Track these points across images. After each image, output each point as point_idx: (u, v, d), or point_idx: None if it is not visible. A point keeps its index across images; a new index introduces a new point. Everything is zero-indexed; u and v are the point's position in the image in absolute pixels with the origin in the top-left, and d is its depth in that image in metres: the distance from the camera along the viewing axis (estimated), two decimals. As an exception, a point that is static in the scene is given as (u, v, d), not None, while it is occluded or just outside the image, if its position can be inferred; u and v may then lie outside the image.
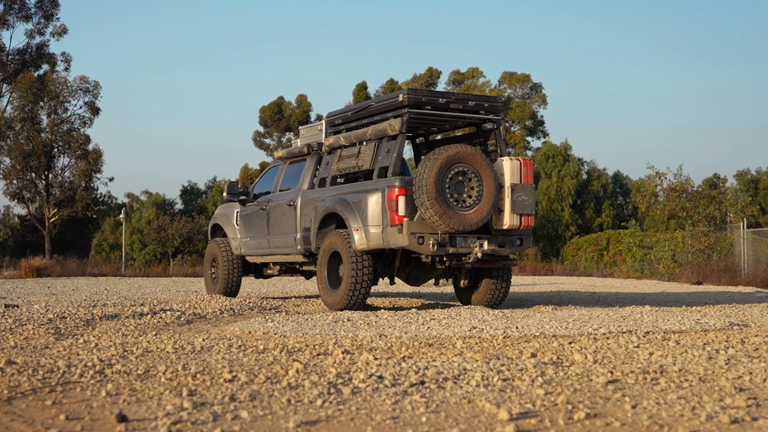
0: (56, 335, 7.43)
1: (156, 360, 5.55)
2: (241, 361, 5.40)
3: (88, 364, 5.22)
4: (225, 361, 5.37)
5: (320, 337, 6.96)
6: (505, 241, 10.83)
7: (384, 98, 11.09)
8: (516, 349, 5.93)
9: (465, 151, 10.42)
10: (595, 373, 4.81)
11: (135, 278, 28.74)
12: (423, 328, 7.70)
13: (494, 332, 7.03)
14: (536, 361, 5.22)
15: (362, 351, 5.79)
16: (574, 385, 4.46)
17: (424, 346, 6.12)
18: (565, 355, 5.58)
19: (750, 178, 65.15)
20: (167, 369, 5.00)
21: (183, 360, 5.52)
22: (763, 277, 24.24)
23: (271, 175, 13.58)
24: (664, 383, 4.56)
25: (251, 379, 4.65)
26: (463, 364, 4.99)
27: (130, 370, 5.04)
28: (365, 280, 10.73)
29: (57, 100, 49.98)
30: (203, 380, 4.67)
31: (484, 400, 4.03)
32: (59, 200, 50.02)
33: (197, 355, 5.79)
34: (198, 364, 5.27)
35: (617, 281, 27.69)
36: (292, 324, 8.24)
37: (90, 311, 9.92)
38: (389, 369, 4.85)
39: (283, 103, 62.35)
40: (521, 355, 5.49)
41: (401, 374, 4.68)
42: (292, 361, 5.29)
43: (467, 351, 5.77)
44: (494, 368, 4.91)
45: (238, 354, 5.82)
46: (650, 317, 9.09)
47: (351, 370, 4.87)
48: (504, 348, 6.02)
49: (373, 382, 4.44)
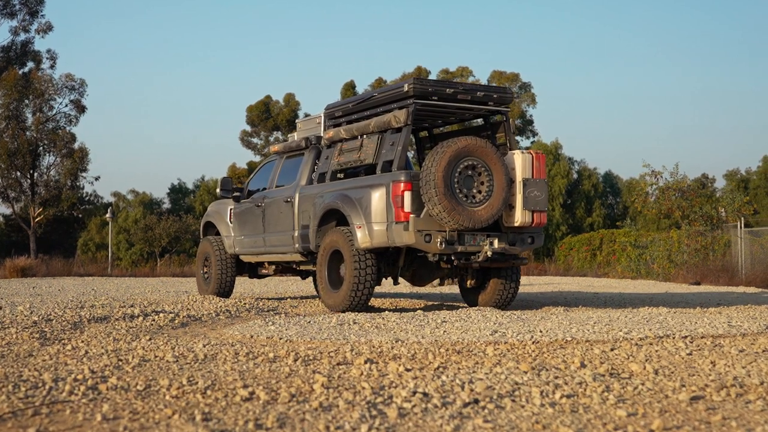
0: (41, 340, 6.82)
1: (156, 371, 4.92)
2: (254, 372, 4.78)
3: (79, 378, 4.55)
4: (235, 373, 4.75)
5: (331, 343, 6.37)
6: (515, 239, 10.29)
7: (388, 88, 10.52)
8: (556, 357, 5.35)
9: (475, 143, 9.87)
10: (666, 387, 4.20)
11: (122, 278, 28.11)
12: (438, 332, 7.14)
13: (521, 337, 6.46)
14: (591, 372, 4.61)
15: (386, 360, 5.20)
16: (654, 404, 3.85)
17: (452, 353, 5.53)
18: (618, 364, 5.01)
19: (740, 178, 64.97)
20: (171, 383, 4.36)
21: (187, 371, 4.90)
22: (763, 277, 23.90)
23: (266, 171, 12.98)
24: (759, 402, 3.95)
25: (273, 398, 4.01)
26: (510, 377, 4.39)
27: (128, 385, 4.37)
28: (368, 280, 10.17)
29: (42, 98, 49.21)
30: (216, 398, 4.04)
31: (561, 425, 3.44)
32: (44, 199, 49.28)
33: (202, 365, 5.17)
34: (205, 376, 4.64)
35: (614, 281, 27.29)
36: (296, 327, 7.66)
37: (77, 313, 9.32)
38: (430, 384, 4.23)
39: (271, 102, 61.68)
40: (568, 365, 4.92)
41: (447, 390, 4.08)
42: (312, 372, 4.69)
43: (504, 359, 5.18)
44: (549, 382, 4.31)
45: (247, 363, 5.21)
46: (674, 319, 8.56)
47: (385, 384, 4.26)
48: (541, 355, 5.44)
49: (419, 401, 3.80)
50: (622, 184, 66.27)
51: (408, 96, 10.11)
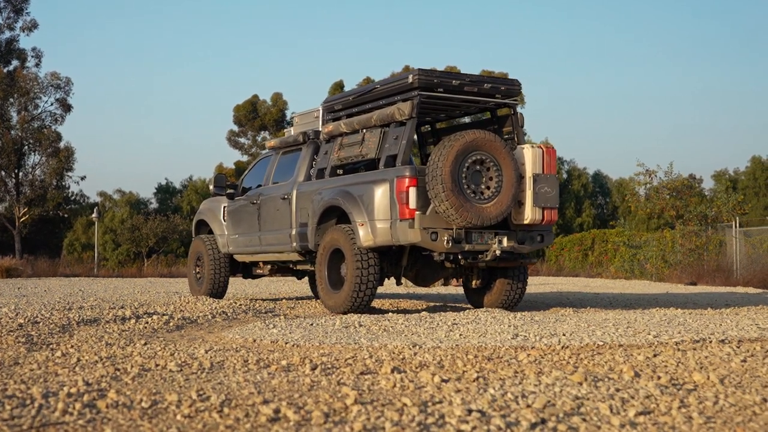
0: (28, 345, 6.32)
1: (159, 383, 4.35)
2: (270, 384, 4.23)
3: (72, 392, 3.94)
4: (250, 385, 4.18)
5: (342, 347, 5.89)
6: (524, 237, 9.84)
7: (391, 80, 10.07)
8: (599, 364, 4.87)
9: (483, 137, 9.43)
10: (746, 401, 3.68)
11: (109, 279, 27.55)
12: (454, 335, 6.68)
13: (547, 341, 5.99)
14: (653, 383, 4.10)
15: (412, 368, 4.71)
16: (748, 423, 3.35)
17: (482, 360, 5.05)
18: (674, 373, 4.52)
19: (728, 178, 64.83)
20: (180, 399, 3.77)
21: (194, 383, 4.33)
22: (760, 277, 23.63)
23: (261, 167, 12.49)
24: None
25: (304, 417, 3.42)
26: (566, 390, 3.89)
27: (131, 401, 3.77)
28: (371, 281, 9.71)
29: (27, 97, 48.53)
30: (236, 419, 3.44)
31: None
32: (30, 199, 48.62)
33: (210, 375, 4.61)
34: (216, 389, 4.07)
35: (609, 282, 26.98)
36: (300, 330, 7.19)
37: (65, 315, 8.81)
38: (478, 399, 3.72)
39: (258, 102, 61.02)
40: (620, 374, 4.44)
41: (502, 407, 3.57)
42: (337, 384, 4.18)
43: (545, 368, 4.69)
44: (612, 396, 3.79)
45: (260, 373, 4.65)
46: (695, 321, 8.12)
47: (427, 400, 3.73)
48: (580, 362, 4.96)
49: (479, 422, 3.25)
50: (611, 184, 66.05)
51: (413, 88, 9.67)
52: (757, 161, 65.15)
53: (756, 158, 65.49)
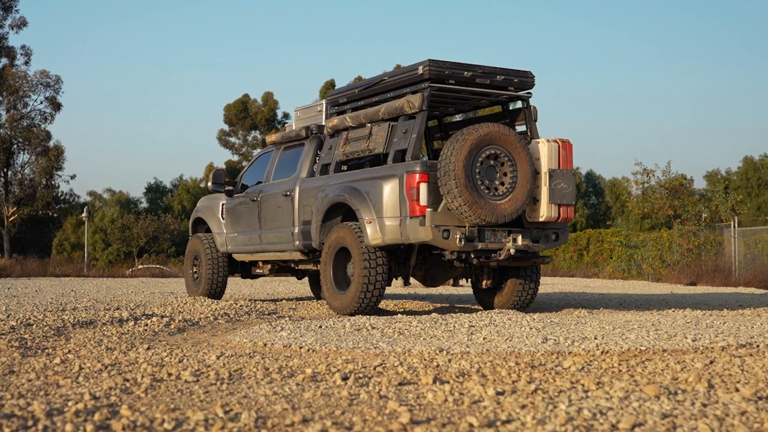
0: (22, 349, 5.87)
1: (177, 397, 3.85)
2: (302, 398, 3.76)
3: (80, 408, 3.43)
4: (281, 400, 3.70)
5: (362, 353, 5.45)
6: (539, 235, 9.44)
7: (400, 71, 9.64)
8: (655, 372, 4.43)
9: (497, 131, 9.01)
10: None
11: (100, 279, 27.03)
12: (477, 338, 6.26)
13: (583, 345, 5.56)
14: (737, 396, 3.64)
15: (453, 377, 4.28)
16: None
17: (525, 367, 4.62)
18: (754, 384, 4.07)
19: (720, 178, 64.71)
20: (207, 419, 3.24)
21: (217, 397, 3.84)
22: (761, 278, 23.33)
23: (262, 163, 12.04)
24: None
25: None
26: (647, 405, 3.41)
27: (150, 422, 3.22)
28: (379, 281, 9.29)
29: (16, 95, 48.03)
30: None
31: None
32: (19, 198, 48.11)
33: (231, 387, 4.13)
34: (245, 405, 3.57)
35: (607, 282, 26.64)
36: (311, 334, 6.75)
37: (60, 317, 8.36)
38: (552, 417, 3.26)
39: (249, 101, 60.60)
40: (691, 384, 4.01)
41: (586, 428, 3.13)
42: (379, 397, 3.74)
43: (602, 377, 4.23)
44: (705, 414, 3.33)
45: (287, 383, 4.17)
46: (724, 324, 7.72)
47: (493, 418, 3.28)
48: (632, 370, 4.52)
49: None
50: (604, 184, 65.88)
51: (423, 79, 9.25)
52: (750, 161, 65.13)
53: (748, 158, 65.48)
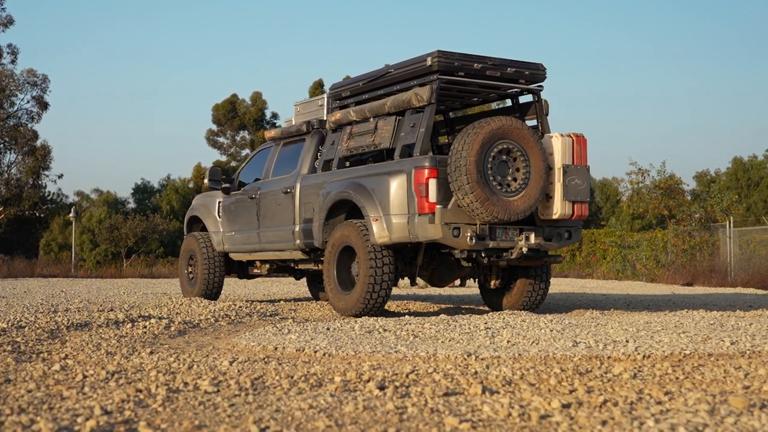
0: (16, 354, 5.46)
1: (201, 411, 3.42)
2: (343, 412, 3.38)
3: (92, 426, 2.96)
4: (321, 415, 3.30)
5: (383, 357, 5.05)
6: (552, 233, 9.09)
7: (406, 63, 9.26)
8: (717, 381, 4.06)
9: (510, 125, 8.65)
10: None
11: (89, 279, 26.59)
12: (500, 342, 5.89)
13: (619, 350, 5.19)
14: None
15: (500, 385, 3.89)
16: None
17: (574, 374, 4.27)
18: None
19: (709, 179, 64.60)
20: None
21: (245, 411, 3.42)
22: (759, 278, 23.09)
23: (260, 160, 11.63)
24: None
25: None
26: (742, 421, 3.04)
27: None
28: (385, 281, 8.91)
29: (3, 94, 47.41)
30: None
31: None
32: (5, 198, 47.53)
33: (258, 398, 3.71)
34: (280, 421, 3.16)
35: (603, 282, 26.40)
36: (323, 337, 6.36)
37: (52, 319, 7.96)
38: None
39: (237, 101, 60.02)
40: None
41: None
42: (430, 411, 3.35)
43: (666, 385, 3.86)
44: None
45: (319, 394, 3.76)
46: (750, 326, 7.38)
47: None
48: (690, 377, 4.16)
49: None
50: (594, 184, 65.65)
51: (431, 71, 8.89)
52: (739, 162, 65.04)
53: (738, 159, 65.39)
